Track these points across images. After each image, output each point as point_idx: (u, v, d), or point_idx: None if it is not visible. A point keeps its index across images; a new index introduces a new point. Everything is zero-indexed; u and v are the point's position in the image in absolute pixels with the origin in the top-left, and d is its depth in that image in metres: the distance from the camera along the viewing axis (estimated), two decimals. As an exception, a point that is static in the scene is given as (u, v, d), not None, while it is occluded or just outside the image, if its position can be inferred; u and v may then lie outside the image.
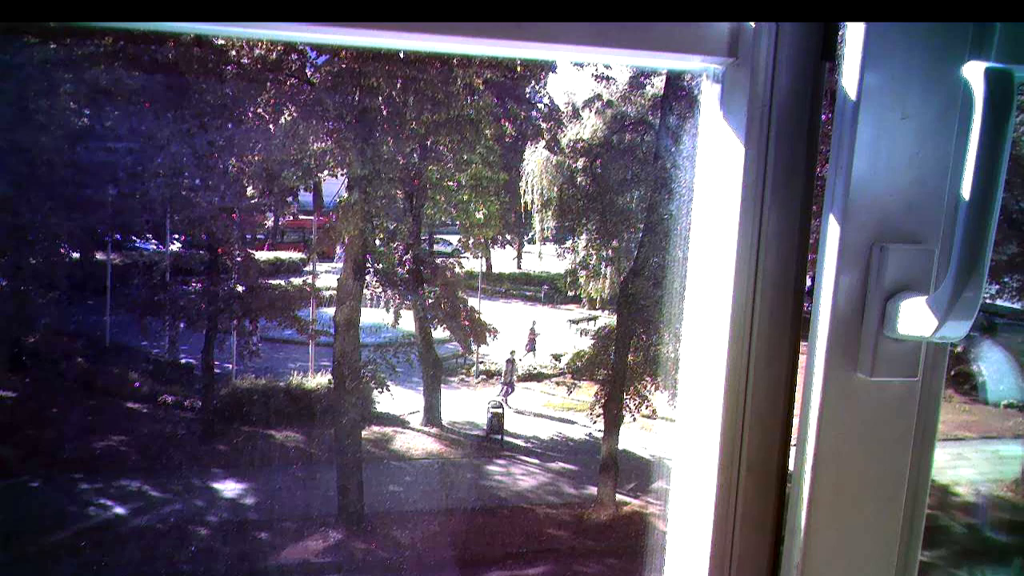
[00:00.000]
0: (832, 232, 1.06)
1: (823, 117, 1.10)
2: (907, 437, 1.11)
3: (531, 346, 19.38)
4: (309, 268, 17.38)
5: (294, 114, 13.34)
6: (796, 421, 1.14)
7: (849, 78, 1.02)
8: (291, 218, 19.23)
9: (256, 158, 14.04)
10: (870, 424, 1.10)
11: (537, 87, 15.08)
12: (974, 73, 0.92)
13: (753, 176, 1.11)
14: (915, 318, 1.01)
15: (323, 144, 13.47)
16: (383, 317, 15.70)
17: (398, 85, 12.54)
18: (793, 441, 1.16)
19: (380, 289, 14.82)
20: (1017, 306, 14.26)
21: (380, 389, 14.57)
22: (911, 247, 1.05)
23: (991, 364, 14.30)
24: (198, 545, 12.31)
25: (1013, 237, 13.32)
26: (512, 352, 17.58)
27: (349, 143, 12.56)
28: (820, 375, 1.08)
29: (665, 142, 13.99)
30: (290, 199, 15.01)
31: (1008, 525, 12.83)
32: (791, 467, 1.15)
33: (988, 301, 15.37)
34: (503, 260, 25.47)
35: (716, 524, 1.18)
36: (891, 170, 1.03)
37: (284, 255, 19.19)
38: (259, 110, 13.62)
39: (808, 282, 1.14)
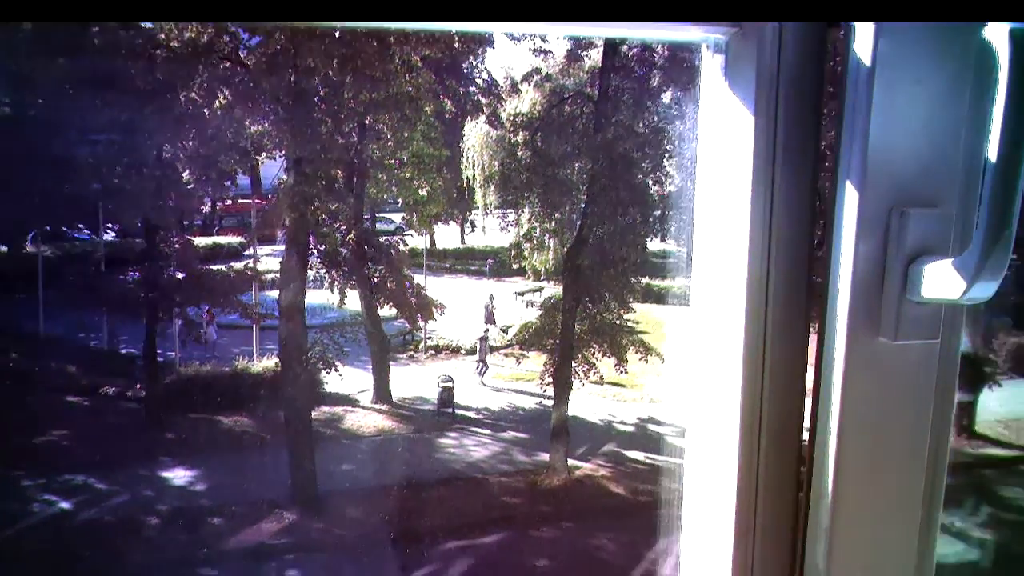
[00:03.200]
0: (849, 198, 1.05)
1: (833, 84, 1.10)
2: (928, 398, 1.11)
3: (489, 320, 19.51)
4: (249, 252, 17.17)
5: (229, 97, 13.11)
6: (810, 395, 1.16)
7: (862, 43, 1.02)
8: (229, 202, 18.92)
9: (191, 143, 13.80)
10: (893, 387, 1.10)
11: (475, 62, 15.07)
12: (998, 35, 0.92)
13: (763, 145, 1.12)
14: (941, 281, 1.01)
15: (260, 126, 13.30)
16: (328, 298, 15.63)
17: (334, 64, 12.41)
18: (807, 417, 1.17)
19: (324, 270, 14.73)
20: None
21: (328, 370, 14.54)
22: (930, 211, 1.05)
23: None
24: (150, 535, 12.20)
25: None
26: (486, 330, 17.58)
27: (287, 124, 12.41)
28: (843, 340, 1.08)
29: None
30: (228, 183, 14.75)
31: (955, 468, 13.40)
32: (806, 436, 1.16)
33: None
34: (447, 236, 25.42)
35: (740, 491, 1.18)
36: (907, 135, 1.04)
37: (223, 240, 18.89)
38: (192, 94, 13.36)
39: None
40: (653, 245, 17.86)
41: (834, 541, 1.12)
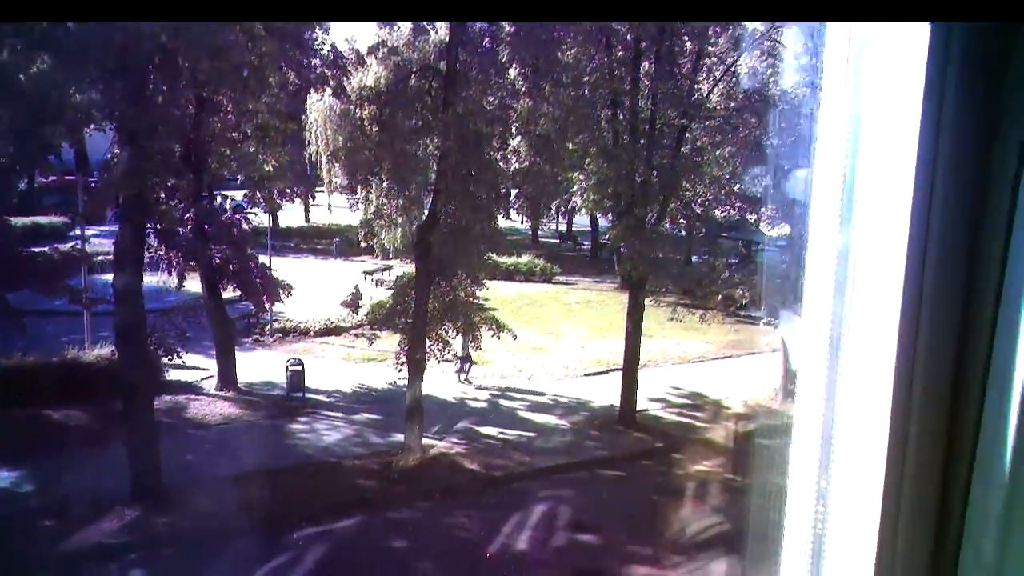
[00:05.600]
0: None
1: None
2: None
3: (354, 306, 19.12)
4: (76, 232, 15.94)
5: (48, 61, 11.98)
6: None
7: None
8: (53, 178, 17.43)
9: (4, 111, 12.54)
10: None
11: (320, 33, 14.48)
12: None
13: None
14: None
15: (87, 96, 12.23)
16: (166, 280, 14.78)
17: (169, 29, 11.52)
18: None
19: (161, 251, 13.86)
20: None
21: (169, 356, 13.75)
22: None
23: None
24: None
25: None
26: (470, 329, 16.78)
27: (117, 94, 11.46)
28: None
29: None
30: (51, 157, 13.53)
31: (769, 430, 14.35)
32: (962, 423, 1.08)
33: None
34: (290, 214, 24.64)
35: (892, 432, 1.10)
36: None
37: (44, 219, 17.44)
38: (4, 56, 12.13)
39: None
40: (500, 222, 18.00)
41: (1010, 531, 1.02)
